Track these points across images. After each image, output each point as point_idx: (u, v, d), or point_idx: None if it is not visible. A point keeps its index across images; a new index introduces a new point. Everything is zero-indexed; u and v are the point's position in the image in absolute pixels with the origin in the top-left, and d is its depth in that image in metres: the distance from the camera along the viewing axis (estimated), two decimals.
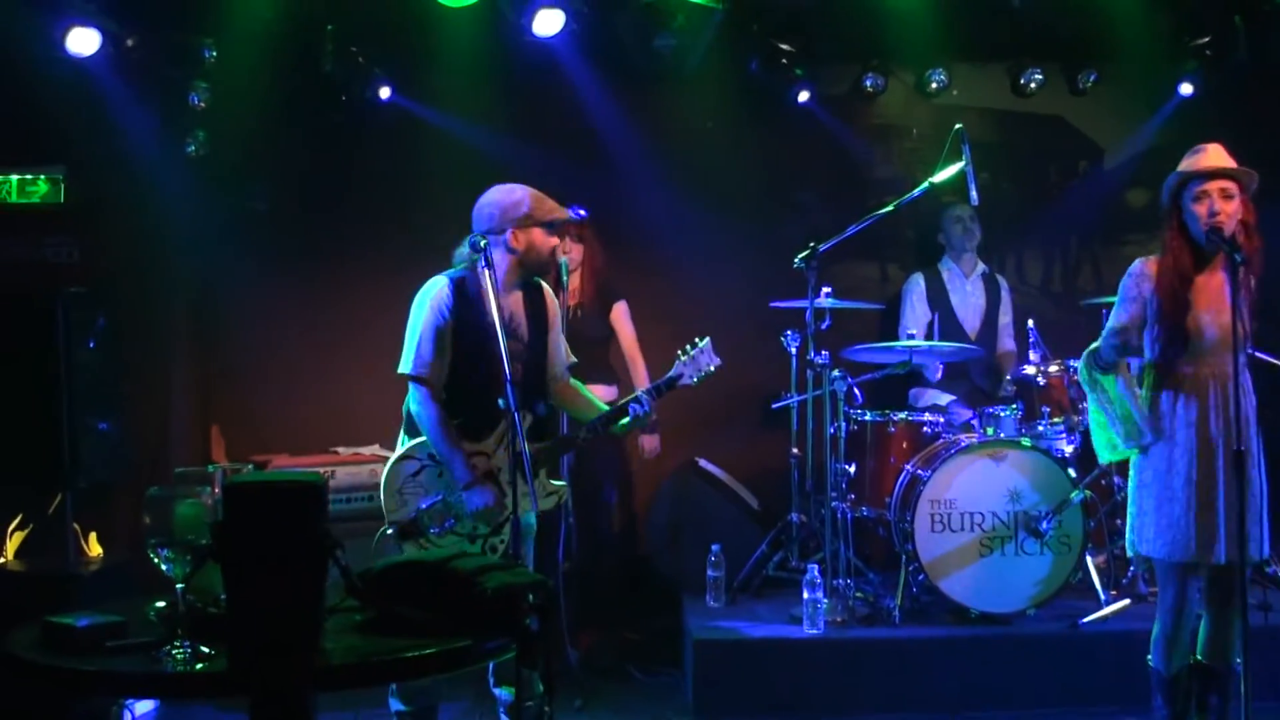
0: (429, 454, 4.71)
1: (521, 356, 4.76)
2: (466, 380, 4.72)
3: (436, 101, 7.31)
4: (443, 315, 4.69)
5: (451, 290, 4.72)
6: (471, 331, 4.68)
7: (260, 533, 2.55)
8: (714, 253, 7.49)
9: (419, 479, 4.70)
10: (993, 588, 5.90)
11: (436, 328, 4.69)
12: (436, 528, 4.68)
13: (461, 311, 4.70)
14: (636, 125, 7.46)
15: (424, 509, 4.68)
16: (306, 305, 7.35)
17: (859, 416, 6.45)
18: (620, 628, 6.76)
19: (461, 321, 4.69)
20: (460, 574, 2.88)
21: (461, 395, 4.74)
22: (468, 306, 4.70)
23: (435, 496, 4.70)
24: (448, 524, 4.69)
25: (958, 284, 7.32)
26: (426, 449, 4.72)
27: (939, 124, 7.33)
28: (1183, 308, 4.52)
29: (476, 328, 4.66)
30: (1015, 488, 5.95)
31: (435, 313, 4.69)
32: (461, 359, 4.72)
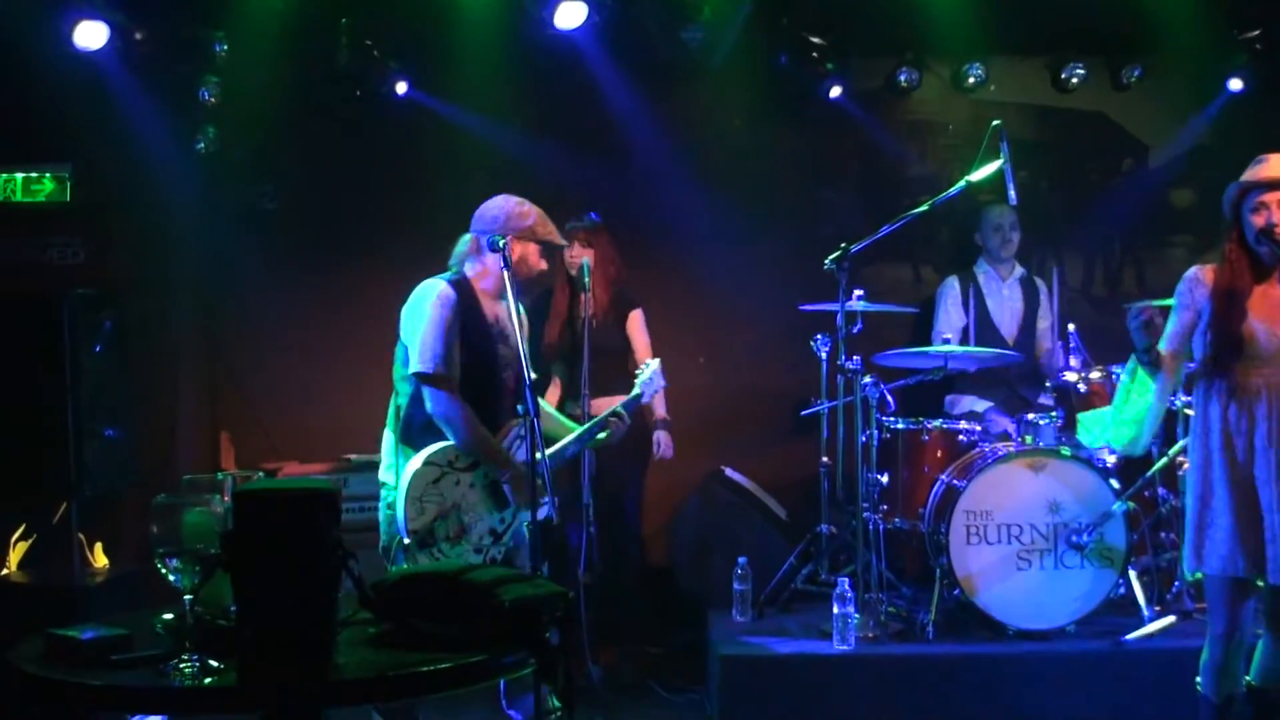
0: (448, 460, 4.74)
1: (513, 364, 4.85)
2: (469, 385, 4.77)
3: (454, 97, 7.33)
4: (450, 313, 4.73)
5: (452, 289, 4.80)
6: (473, 334, 4.78)
7: (271, 542, 2.55)
8: (741, 254, 7.49)
9: (439, 486, 4.72)
10: (1031, 603, 5.88)
11: (443, 322, 4.73)
12: (450, 538, 4.70)
13: (463, 311, 4.77)
14: (661, 122, 7.47)
15: (439, 517, 4.71)
16: (319, 307, 7.38)
17: (892, 424, 6.44)
18: (643, 643, 6.75)
19: (463, 323, 4.77)
20: (477, 585, 2.87)
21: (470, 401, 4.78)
22: (466, 308, 4.81)
23: (451, 505, 4.72)
24: (460, 533, 4.72)
25: (994, 287, 7.30)
26: (448, 455, 4.74)
27: (976, 120, 7.34)
28: (1238, 315, 4.49)
29: (477, 332, 4.77)
30: (1055, 499, 5.92)
31: (439, 309, 4.73)
32: (464, 362, 4.77)
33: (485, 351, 4.79)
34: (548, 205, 6.64)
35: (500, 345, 4.85)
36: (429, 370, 4.71)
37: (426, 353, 4.72)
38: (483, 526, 4.78)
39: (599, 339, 6.40)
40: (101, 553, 6.27)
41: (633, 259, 6.95)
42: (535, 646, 2.86)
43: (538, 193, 6.79)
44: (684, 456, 6.85)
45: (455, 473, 4.75)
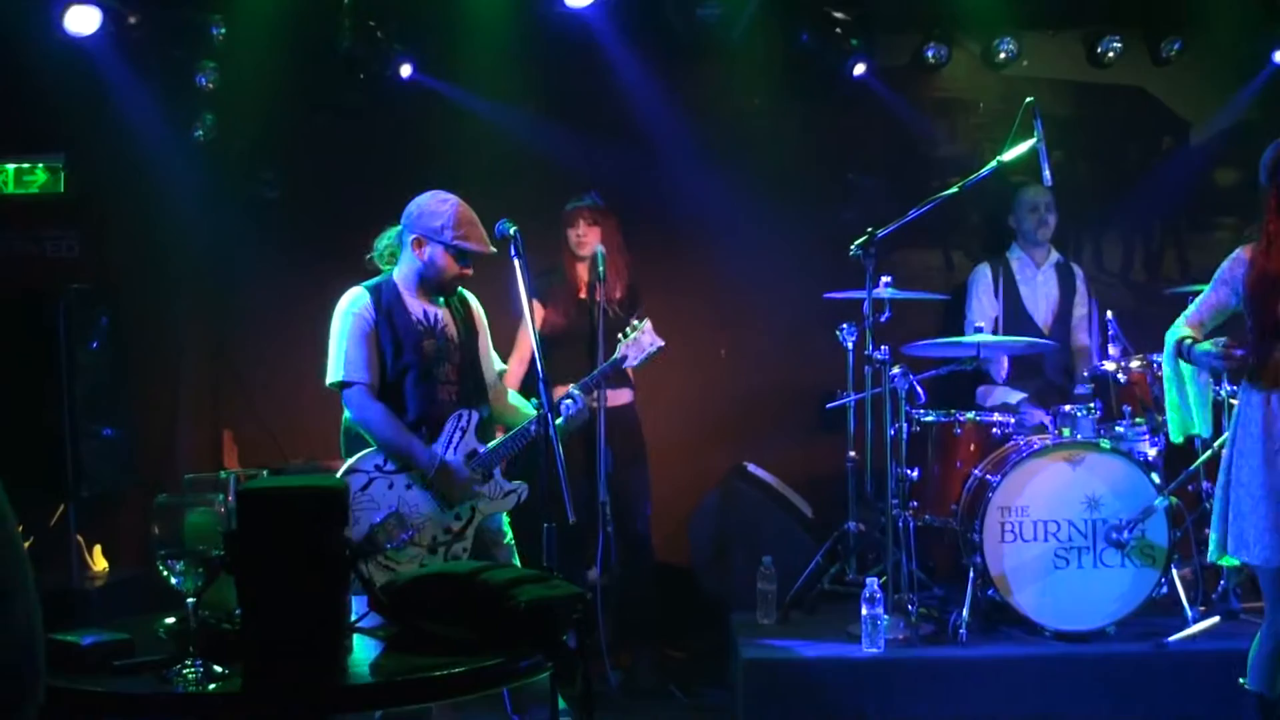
0: (374, 464, 4.81)
1: (452, 356, 4.94)
2: (400, 385, 4.88)
3: (461, 80, 7.34)
4: (365, 320, 4.88)
5: (371, 294, 4.92)
6: (397, 332, 4.87)
7: (277, 543, 2.56)
8: (762, 241, 7.48)
9: (368, 493, 4.78)
10: (1069, 603, 5.88)
11: (361, 332, 4.87)
12: (392, 542, 4.73)
13: (382, 314, 4.88)
14: (677, 103, 7.46)
15: (376, 524, 4.74)
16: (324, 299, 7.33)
17: (921, 417, 6.43)
18: (663, 646, 6.77)
19: (385, 324, 4.87)
20: (491, 587, 2.89)
21: (398, 403, 4.88)
22: (388, 309, 4.90)
23: (388, 509, 4.76)
24: (404, 536, 4.75)
25: (1028, 274, 7.28)
26: (373, 460, 4.81)
27: (1008, 98, 7.31)
28: (1275, 298, 4.48)
29: (402, 329, 4.87)
30: (1093, 494, 5.92)
31: (356, 318, 4.88)
32: (392, 363, 4.87)
33: (412, 349, 4.86)
34: (559, 191, 6.69)
35: (429, 339, 4.89)
36: (338, 378, 4.86)
37: (334, 362, 4.87)
38: (434, 526, 4.83)
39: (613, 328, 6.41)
40: (100, 555, 6.31)
41: (649, 247, 6.96)
42: (552, 650, 2.87)
43: (548, 178, 6.85)
44: (705, 452, 6.87)
45: (385, 476, 4.81)
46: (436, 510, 4.83)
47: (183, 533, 2.69)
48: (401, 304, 4.92)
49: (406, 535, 4.74)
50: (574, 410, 5.04)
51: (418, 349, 4.86)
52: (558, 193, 6.71)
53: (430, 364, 4.88)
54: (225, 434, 7.26)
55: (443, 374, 4.90)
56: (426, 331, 4.91)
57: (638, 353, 5.32)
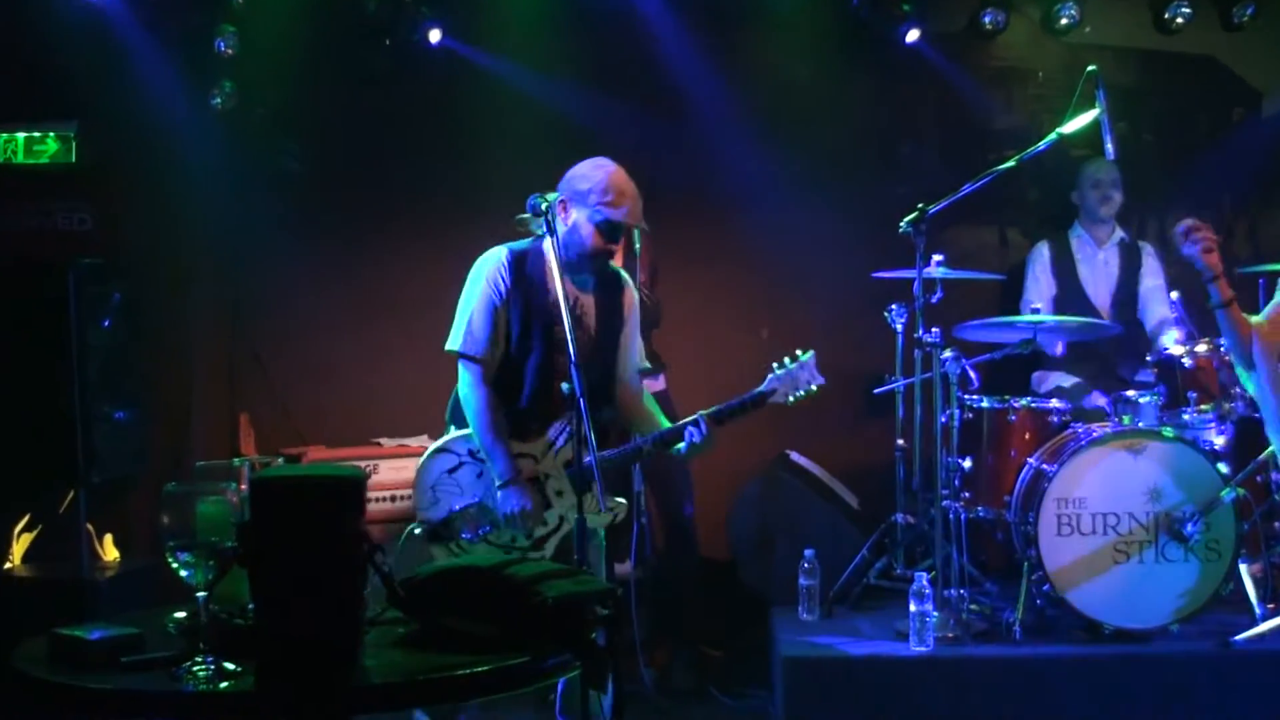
0: (469, 450, 4.78)
1: (585, 350, 4.67)
2: (520, 367, 4.77)
3: (493, 46, 7.32)
4: (498, 290, 4.74)
5: (510, 262, 4.77)
6: (529, 311, 4.73)
7: (292, 534, 2.56)
8: (808, 217, 7.46)
9: (455, 477, 4.76)
10: (1129, 600, 5.84)
11: (490, 303, 4.73)
12: (469, 533, 4.71)
13: (520, 287, 4.74)
14: (720, 72, 7.44)
15: (457, 510, 4.73)
16: (347, 277, 7.41)
17: (974, 403, 6.41)
18: (700, 643, 6.77)
19: (519, 299, 4.74)
20: (517, 581, 2.88)
21: (513, 385, 4.78)
22: (527, 283, 4.76)
23: (472, 498, 4.75)
24: (482, 530, 4.73)
25: (1089, 253, 7.25)
26: (467, 444, 4.79)
27: (1069, 66, 7.26)
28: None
29: (536, 308, 4.73)
30: (1156, 485, 5.88)
31: (490, 286, 4.75)
32: (517, 342, 4.75)
33: (543, 332, 4.76)
34: None
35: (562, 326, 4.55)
36: (455, 347, 4.82)
37: (457, 329, 4.82)
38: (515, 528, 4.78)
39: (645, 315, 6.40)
40: (111, 545, 6.34)
41: (689, 222, 6.94)
42: (580, 648, 2.86)
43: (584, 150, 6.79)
44: (746, 440, 6.81)
45: (476, 463, 4.77)
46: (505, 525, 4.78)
47: (194, 523, 2.70)
48: (544, 276, 4.72)
49: (485, 529, 4.73)
50: (698, 440, 4.80)
51: (548, 333, 4.74)
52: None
53: (557, 352, 4.70)
54: (242, 417, 7.28)
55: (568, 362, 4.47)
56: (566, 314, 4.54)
57: (789, 389, 4.96)
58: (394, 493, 6.38)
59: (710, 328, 7.22)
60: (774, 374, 4.96)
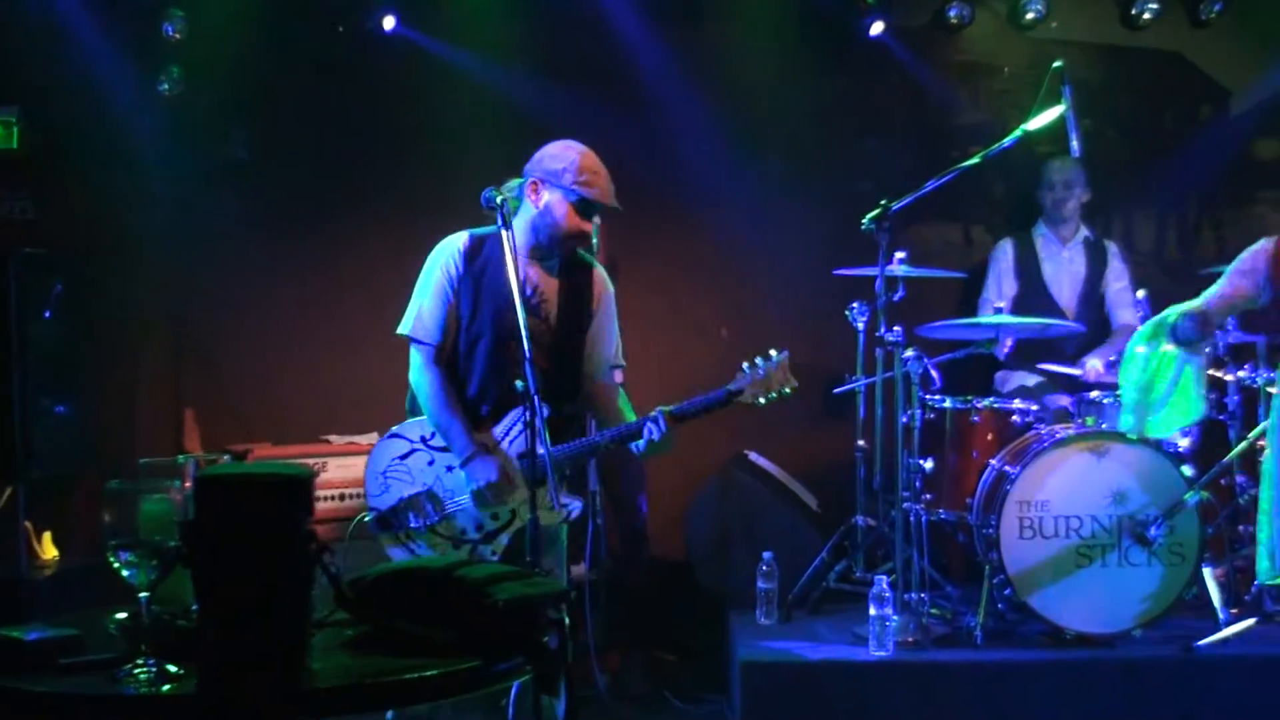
0: (422, 436, 4.76)
1: (543, 340, 4.67)
2: (471, 354, 4.78)
3: (449, 34, 7.32)
4: (450, 275, 4.76)
5: (467, 247, 4.79)
6: (480, 295, 4.75)
7: (237, 533, 2.55)
8: (768, 213, 7.49)
9: (406, 463, 4.75)
10: (1092, 604, 5.87)
11: (443, 288, 4.76)
12: (418, 520, 4.70)
13: (475, 271, 4.74)
14: (681, 65, 7.45)
15: (406, 498, 4.72)
16: (298, 270, 7.38)
17: (936, 403, 6.42)
18: (656, 648, 6.78)
19: (472, 283, 4.74)
20: (468, 583, 2.88)
21: (465, 372, 4.80)
22: (484, 267, 4.76)
23: (421, 487, 4.73)
24: (431, 519, 4.70)
25: (1053, 251, 7.29)
26: (420, 430, 4.78)
27: (1035, 61, 7.28)
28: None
29: (489, 292, 4.73)
30: (1120, 488, 5.91)
31: (443, 271, 4.77)
32: (466, 327, 4.76)
33: (492, 316, 4.73)
34: None
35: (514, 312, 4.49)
36: (405, 331, 4.81)
37: (409, 313, 4.82)
38: (467, 519, 4.74)
39: None
40: (50, 543, 6.31)
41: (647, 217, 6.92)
42: (532, 651, 2.86)
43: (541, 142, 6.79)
44: (703, 439, 6.82)
45: (428, 450, 4.76)
46: (473, 503, 4.72)
47: (137, 521, 2.68)
48: (501, 265, 4.54)
49: (434, 518, 4.71)
50: (656, 437, 4.63)
51: (500, 319, 4.69)
52: None
53: (512, 338, 4.52)
54: (187, 413, 7.24)
55: (522, 353, 4.36)
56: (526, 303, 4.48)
57: (761, 390, 4.74)
58: (343, 491, 6.36)
59: (667, 325, 7.21)
60: (744, 373, 4.75)
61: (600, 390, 5.00)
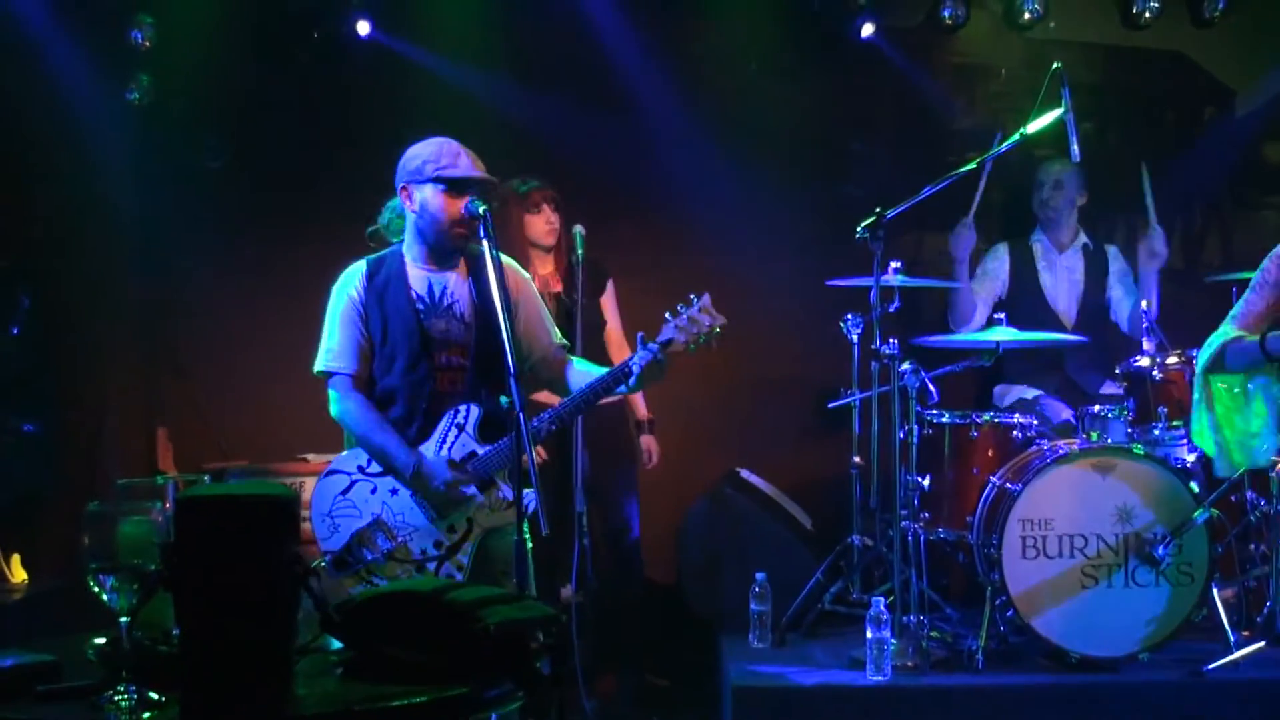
0: (359, 466, 4.78)
1: (461, 337, 4.77)
2: (387, 374, 4.82)
3: (425, 39, 7.34)
4: (353, 301, 4.82)
5: (366, 270, 4.86)
6: (386, 315, 4.79)
7: (220, 556, 2.56)
8: (758, 221, 7.50)
9: (349, 497, 4.75)
10: (1097, 626, 5.88)
11: (347, 316, 4.82)
12: (372, 553, 4.69)
13: (375, 293, 4.81)
14: (665, 66, 7.48)
15: (356, 533, 4.71)
16: (271, 283, 7.39)
17: (934, 418, 6.45)
18: (645, 672, 6.79)
19: (376, 305, 4.80)
20: (457, 607, 2.89)
21: (387, 396, 4.83)
22: (383, 287, 4.82)
23: (370, 518, 4.72)
24: (386, 547, 4.70)
25: (1051, 259, 7.31)
26: (355, 460, 4.80)
27: (1033, 63, 7.33)
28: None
29: (394, 310, 4.79)
30: (1125, 505, 5.93)
31: (345, 299, 4.83)
32: (379, 349, 4.82)
33: (403, 330, 4.77)
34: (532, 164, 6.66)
35: (433, 320, 4.78)
36: (319, 368, 4.86)
37: (321, 350, 4.86)
38: (422, 539, 4.73)
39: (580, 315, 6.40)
40: (19, 566, 6.30)
41: (630, 226, 6.97)
42: (523, 677, 2.88)
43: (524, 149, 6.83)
44: (693, 456, 6.87)
45: (368, 479, 4.76)
46: (425, 520, 4.73)
47: (116, 544, 2.69)
48: (402, 278, 4.80)
49: (388, 546, 4.69)
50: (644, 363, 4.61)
51: (410, 331, 4.75)
52: (531, 166, 6.72)
53: (426, 348, 4.75)
54: (160, 431, 7.25)
55: (443, 360, 4.77)
56: (427, 309, 4.79)
57: (689, 334, 4.63)
58: None
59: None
60: (668, 321, 4.66)
61: (554, 364, 5.01)
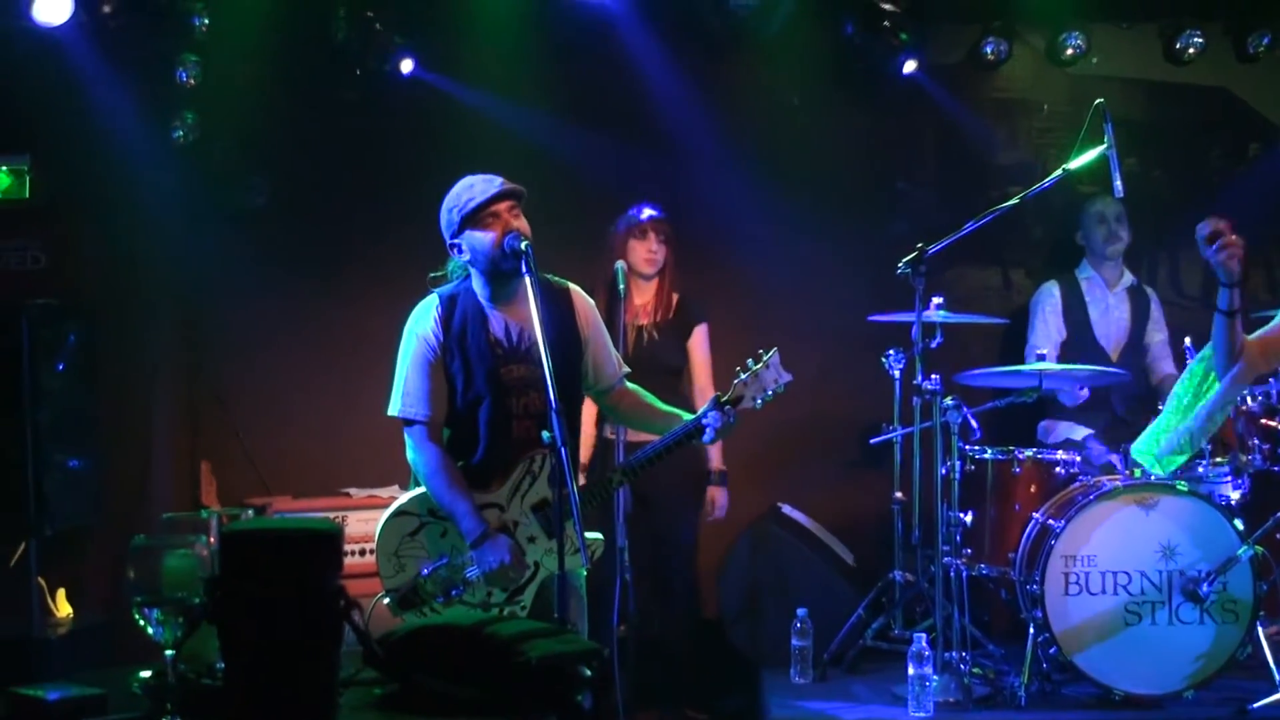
0: (428, 509, 4.75)
1: (538, 383, 4.64)
2: (471, 419, 4.79)
3: (468, 77, 7.37)
4: (430, 343, 4.78)
5: (440, 311, 4.81)
6: (467, 357, 4.76)
7: (264, 590, 2.59)
8: (799, 256, 7.51)
9: (418, 539, 4.74)
10: (1141, 664, 5.87)
11: (424, 359, 4.78)
12: (441, 596, 4.70)
13: (456, 334, 4.77)
14: (708, 102, 7.49)
15: (426, 575, 4.70)
16: (314, 318, 7.43)
17: (977, 454, 6.44)
18: (686, 708, 6.77)
19: (455, 346, 4.77)
20: (498, 640, 2.91)
21: (467, 439, 4.80)
22: (461, 327, 4.78)
23: (439, 561, 4.72)
24: (454, 592, 4.70)
25: (1099, 296, 7.28)
26: (426, 503, 4.77)
27: (1076, 98, 7.34)
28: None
29: (474, 352, 4.76)
30: (1169, 542, 5.92)
31: (421, 341, 4.79)
32: (461, 393, 4.78)
33: (486, 377, 4.75)
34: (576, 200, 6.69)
35: (511, 365, 4.76)
36: (394, 413, 4.82)
37: (395, 392, 4.82)
38: (490, 582, 4.72)
39: (651, 353, 6.41)
40: (65, 600, 6.33)
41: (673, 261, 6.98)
42: (565, 712, 2.89)
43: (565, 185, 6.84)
44: (735, 492, 6.85)
45: (439, 522, 4.74)
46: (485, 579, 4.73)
47: (161, 577, 2.72)
48: (480, 318, 4.76)
49: (456, 591, 4.68)
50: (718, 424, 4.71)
51: (492, 377, 4.72)
52: (574, 202, 6.75)
53: (505, 394, 4.74)
54: (203, 466, 7.27)
55: (522, 406, 4.75)
56: (507, 354, 4.76)
57: (758, 391, 4.80)
58: (364, 546, 6.38)
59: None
60: (738, 379, 4.80)
61: (621, 397, 5.04)
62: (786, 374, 4.85)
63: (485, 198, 4.70)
